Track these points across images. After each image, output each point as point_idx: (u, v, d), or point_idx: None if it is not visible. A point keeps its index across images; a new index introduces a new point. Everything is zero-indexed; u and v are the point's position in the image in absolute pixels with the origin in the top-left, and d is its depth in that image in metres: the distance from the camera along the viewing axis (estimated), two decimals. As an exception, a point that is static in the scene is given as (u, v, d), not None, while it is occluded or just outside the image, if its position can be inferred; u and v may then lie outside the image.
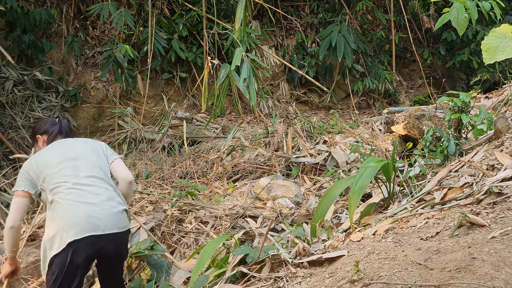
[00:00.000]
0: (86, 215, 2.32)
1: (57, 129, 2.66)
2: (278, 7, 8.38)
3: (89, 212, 2.33)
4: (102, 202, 2.39)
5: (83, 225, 2.29)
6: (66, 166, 2.44)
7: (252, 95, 3.65)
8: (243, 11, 3.55)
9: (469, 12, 3.46)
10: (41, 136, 2.66)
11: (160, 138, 6.73)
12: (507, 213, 2.45)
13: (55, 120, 2.73)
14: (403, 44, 9.18)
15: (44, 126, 2.67)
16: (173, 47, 7.30)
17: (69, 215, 2.31)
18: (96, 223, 2.32)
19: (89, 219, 2.32)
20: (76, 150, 2.55)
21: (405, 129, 6.10)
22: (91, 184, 2.43)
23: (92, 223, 2.31)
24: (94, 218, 2.33)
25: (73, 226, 2.28)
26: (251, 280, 2.51)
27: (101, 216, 2.35)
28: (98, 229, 2.32)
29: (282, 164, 5.78)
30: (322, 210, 3.33)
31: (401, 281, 1.89)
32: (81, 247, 2.28)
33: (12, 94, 6.52)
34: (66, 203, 2.34)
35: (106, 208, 2.39)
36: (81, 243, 2.28)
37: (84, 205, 2.34)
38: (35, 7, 7.05)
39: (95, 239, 2.32)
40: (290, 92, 8.58)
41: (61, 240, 2.27)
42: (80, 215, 2.31)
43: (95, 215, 2.34)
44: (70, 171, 2.43)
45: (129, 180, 2.59)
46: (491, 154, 3.42)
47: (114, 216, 2.40)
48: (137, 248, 3.16)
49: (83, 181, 2.42)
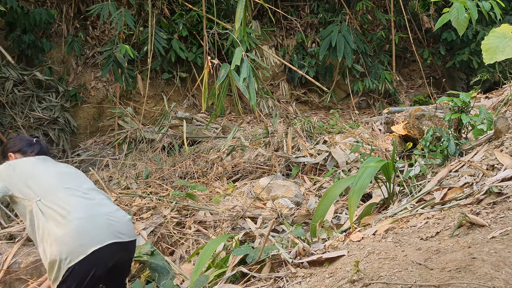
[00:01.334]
0: (107, 224, 2.24)
1: (36, 151, 2.50)
2: (278, 7, 8.38)
3: (108, 220, 2.26)
4: (115, 211, 2.34)
5: (105, 233, 2.20)
6: (63, 178, 2.35)
7: (252, 95, 3.65)
8: (243, 11, 3.55)
9: (469, 12, 3.46)
10: (13, 154, 2.48)
11: (160, 138, 6.73)
12: (507, 213, 2.45)
13: (32, 140, 2.55)
14: (403, 44, 9.18)
15: (19, 144, 2.50)
16: (173, 47, 7.30)
17: (89, 223, 2.19)
18: (117, 230, 2.26)
19: (110, 226, 2.24)
20: (64, 167, 2.47)
21: (405, 129, 6.10)
22: (96, 196, 2.37)
23: (114, 230, 2.24)
24: (115, 226, 2.26)
25: (95, 234, 2.17)
26: (251, 280, 2.51)
27: (119, 223, 2.29)
28: (119, 237, 2.25)
29: (282, 164, 5.78)
30: (322, 210, 3.33)
31: (401, 281, 1.89)
32: (104, 256, 2.17)
33: (12, 94, 6.53)
34: (82, 213, 2.21)
35: (120, 217, 2.34)
36: (104, 252, 2.17)
37: (101, 214, 2.26)
38: (35, 7, 7.06)
39: (116, 247, 2.23)
40: (290, 92, 8.58)
41: (80, 250, 2.12)
42: (101, 223, 2.22)
43: (114, 223, 2.27)
44: (71, 182, 2.35)
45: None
46: (491, 154, 3.42)
47: (129, 223, 2.37)
48: (137, 252, 3.17)
49: (89, 192, 2.34)
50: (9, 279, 3.24)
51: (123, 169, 6.03)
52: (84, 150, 6.91)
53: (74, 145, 7.04)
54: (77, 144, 7.08)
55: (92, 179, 5.51)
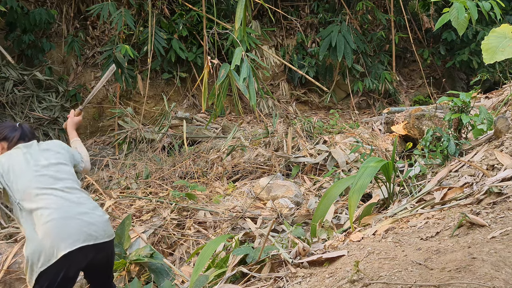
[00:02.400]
0: (79, 225, 2.21)
1: (18, 134, 2.46)
2: (278, 7, 8.38)
3: (81, 222, 2.23)
4: (90, 211, 2.30)
5: (77, 235, 2.18)
6: (42, 173, 2.30)
7: (252, 95, 3.65)
8: (243, 11, 3.54)
9: (469, 12, 3.46)
10: (2, 142, 2.46)
11: (160, 138, 6.73)
12: (507, 213, 2.45)
13: (15, 125, 2.52)
14: (403, 44, 9.18)
15: (4, 131, 2.47)
16: (173, 47, 7.30)
17: (61, 225, 2.17)
18: (89, 232, 2.23)
19: (82, 229, 2.21)
20: (46, 157, 2.39)
21: (405, 129, 6.10)
22: (73, 193, 2.32)
23: (85, 233, 2.21)
24: (87, 228, 2.23)
25: (66, 237, 2.16)
26: (251, 280, 2.51)
27: (93, 226, 2.26)
28: (91, 238, 2.23)
29: (282, 164, 5.78)
30: (322, 210, 3.32)
31: (401, 281, 1.89)
32: (75, 259, 2.18)
33: (12, 94, 6.53)
34: (56, 214, 2.19)
35: (96, 217, 2.30)
36: (76, 255, 2.17)
37: (75, 215, 2.23)
38: (35, 7, 7.06)
39: (88, 249, 2.22)
40: (290, 92, 8.58)
41: (51, 253, 2.13)
42: (73, 225, 2.20)
43: (88, 224, 2.24)
44: (48, 179, 2.30)
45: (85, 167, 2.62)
46: (491, 154, 3.42)
47: (104, 224, 2.32)
48: (136, 255, 3.17)
49: (65, 191, 2.30)
50: (9, 279, 3.24)
51: (123, 169, 6.03)
52: (84, 150, 6.90)
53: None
54: (77, 144, 7.08)
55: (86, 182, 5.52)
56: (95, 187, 5.12)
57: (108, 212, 4.43)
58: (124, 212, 4.47)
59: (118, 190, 5.19)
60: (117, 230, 3.30)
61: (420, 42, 9.21)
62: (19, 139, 2.45)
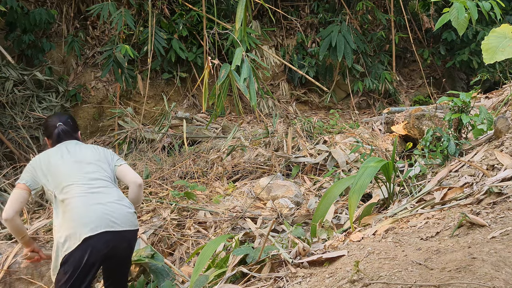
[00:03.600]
0: (101, 212, 2.36)
1: (57, 133, 2.67)
2: (278, 7, 8.38)
3: (103, 209, 2.38)
4: (115, 201, 2.44)
5: (98, 221, 2.32)
6: (75, 168, 2.50)
7: (252, 95, 3.65)
8: (243, 11, 3.54)
9: (469, 12, 3.46)
10: (48, 139, 2.73)
11: (160, 138, 6.73)
12: (507, 213, 2.45)
13: (56, 124, 2.70)
14: (403, 44, 9.18)
15: (48, 130, 2.71)
16: (173, 47, 7.30)
17: (84, 212, 2.34)
18: (111, 219, 2.36)
19: (104, 216, 2.35)
20: (83, 154, 2.60)
21: (405, 129, 6.10)
22: (101, 185, 2.48)
23: (107, 219, 2.35)
24: (109, 215, 2.37)
25: (88, 222, 2.31)
26: (251, 280, 2.51)
27: (115, 214, 2.39)
28: (114, 225, 2.36)
29: (282, 164, 5.78)
30: (322, 210, 3.33)
31: (401, 281, 1.89)
32: (97, 244, 2.30)
33: (12, 94, 6.52)
34: (80, 202, 2.37)
35: (119, 207, 2.43)
36: (97, 240, 2.30)
37: (97, 203, 2.39)
38: (35, 7, 7.05)
39: (110, 236, 2.34)
40: (290, 92, 8.58)
41: (75, 237, 2.28)
42: (95, 212, 2.35)
43: (109, 212, 2.38)
44: (80, 172, 2.49)
45: (139, 183, 2.62)
46: (491, 154, 3.42)
47: (127, 214, 2.45)
48: (137, 255, 3.17)
49: (93, 183, 2.47)
50: (9, 279, 3.24)
51: (123, 169, 6.02)
52: (84, 150, 6.90)
53: (74, 145, 7.04)
54: (77, 144, 7.08)
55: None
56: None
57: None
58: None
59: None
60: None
61: (420, 42, 9.21)
62: (57, 137, 2.67)
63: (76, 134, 2.76)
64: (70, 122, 2.76)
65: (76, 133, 2.77)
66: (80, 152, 2.61)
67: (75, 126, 2.79)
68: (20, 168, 5.50)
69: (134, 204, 2.63)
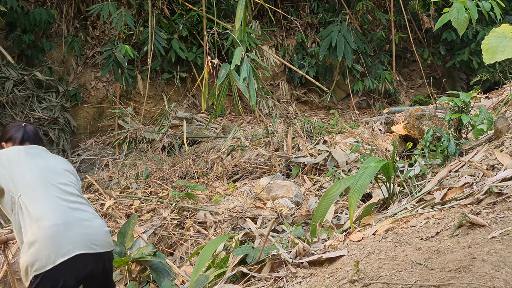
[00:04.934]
0: (80, 232, 2.11)
1: (21, 135, 2.37)
2: (278, 7, 8.38)
3: (83, 229, 2.13)
4: (92, 220, 2.20)
5: (78, 241, 2.08)
6: (47, 176, 2.21)
7: (252, 95, 3.65)
8: (243, 11, 3.54)
9: (469, 12, 3.46)
10: (5, 144, 2.40)
11: (160, 138, 6.73)
12: (507, 213, 2.45)
13: (20, 124, 2.44)
14: (403, 44, 9.18)
15: (10, 132, 2.40)
16: (173, 47, 7.30)
17: (61, 232, 2.07)
18: (91, 240, 2.13)
19: (84, 236, 2.11)
20: (53, 162, 2.33)
21: (405, 129, 6.09)
22: (77, 201, 2.22)
23: (87, 240, 2.11)
24: (89, 236, 2.13)
25: (65, 244, 2.05)
26: (251, 280, 2.51)
27: (94, 235, 2.16)
28: (93, 247, 2.13)
29: (282, 164, 5.78)
30: (322, 210, 3.32)
31: (401, 281, 1.89)
32: (74, 267, 2.06)
33: (12, 94, 6.52)
34: (54, 218, 2.08)
35: (97, 226, 2.20)
36: (75, 262, 2.06)
37: (76, 222, 2.13)
38: (35, 7, 7.06)
39: (88, 258, 2.11)
40: (290, 92, 8.58)
41: (49, 259, 2.01)
42: (75, 232, 2.10)
43: (89, 232, 2.14)
44: (53, 181, 2.21)
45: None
46: (491, 154, 3.42)
47: (105, 234, 2.23)
48: (139, 253, 3.17)
49: (70, 198, 2.20)
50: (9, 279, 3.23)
51: (123, 169, 6.03)
52: (84, 150, 6.91)
53: (74, 145, 7.04)
54: (77, 144, 7.08)
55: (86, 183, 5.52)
56: (95, 187, 5.12)
57: (108, 212, 4.43)
58: (123, 212, 4.47)
59: (118, 190, 5.19)
60: (121, 229, 3.31)
61: (420, 42, 9.21)
62: (21, 140, 2.37)
63: (42, 143, 2.45)
64: (35, 130, 2.47)
65: (42, 142, 2.47)
66: (48, 160, 2.31)
67: (38, 134, 2.47)
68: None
69: None
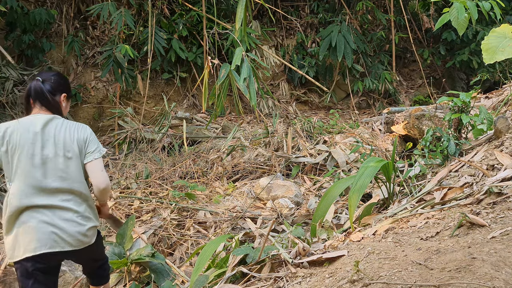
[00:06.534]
0: (48, 231, 2.15)
1: (26, 94, 2.25)
2: (278, 7, 8.38)
3: (52, 228, 2.15)
4: (68, 219, 2.20)
5: (44, 240, 2.13)
6: (36, 163, 2.15)
7: (252, 95, 3.65)
8: (243, 11, 3.54)
9: (469, 12, 3.46)
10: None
11: (160, 138, 6.73)
12: (507, 213, 2.45)
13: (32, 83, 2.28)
14: (403, 44, 9.18)
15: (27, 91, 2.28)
16: (173, 47, 7.30)
17: (32, 226, 2.13)
18: (56, 240, 2.16)
19: (51, 235, 2.15)
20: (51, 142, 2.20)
21: (405, 129, 6.09)
22: (58, 194, 2.19)
23: (52, 240, 2.15)
24: (56, 235, 2.16)
25: (33, 239, 2.12)
26: (251, 280, 2.51)
27: (64, 234, 2.17)
28: (58, 246, 2.17)
29: (282, 164, 5.78)
30: (322, 210, 3.33)
31: (401, 281, 1.89)
32: (39, 261, 2.15)
33: (12, 94, 6.52)
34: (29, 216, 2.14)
35: (70, 227, 2.20)
36: (40, 258, 2.14)
37: (48, 218, 2.15)
38: (35, 7, 7.05)
39: (55, 256, 2.20)
40: (290, 92, 8.58)
41: (18, 249, 2.14)
42: (43, 229, 2.14)
43: (58, 232, 2.16)
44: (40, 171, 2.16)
45: (101, 188, 2.28)
46: (491, 154, 3.42)
47: (78, 234, 2.22)
48: (137, 254, 3.17)
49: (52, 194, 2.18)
50: (9, 279, 3.24)
51: (123, 169, 6.03)
52: (84, 150, 6.89)
53: (74, 145, 7.03)
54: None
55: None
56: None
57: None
58: (123, 212, 4.47)
59: (118, 190, 5.19)
60: (119, 230, 3.30)
61: (420, 42, 9.21)
62: (27, 100, 2.26)
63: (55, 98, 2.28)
64: (52, 78, 2.29)
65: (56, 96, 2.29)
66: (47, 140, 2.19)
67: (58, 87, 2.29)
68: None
69: (102, 201, 2.47)
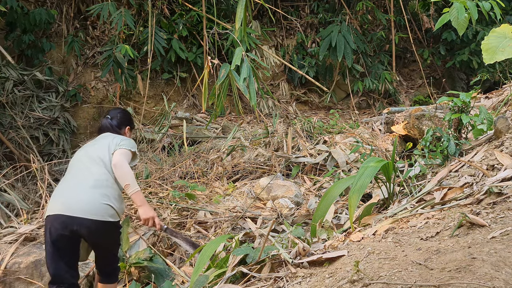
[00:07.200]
0: (62, 196, 2.64)
1: (99, 128, 3.12)
2: (278, 7, 8.38)
3: (66, 193, 2.65)
4: (84, 189, 2.63)
5: (57, 203, 2.61)
6: (82, 154, 2.87)
7: (252, 95, 3.64)
8: (243, 11, 3.54)
9: (469, 12, 3.46)
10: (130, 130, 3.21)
11: (160, 138, 6.73)
12: (507, 213, 2.45)
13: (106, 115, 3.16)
14: (403, 44, 9.18)
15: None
16: (173, 47, 7.29)
17: (55, 191, 2.71)
18: (66, 204, 2.58)
19: (61, 199, 2.62)
20: (97, 144, 2.91)
21: (405, 129, 6.09)
22: (86, 170, 2.72)
23: (63, 203, 2.59)
24: (67, 199, 2.61)
25: (52, 201, 2.65)
26: (251, 280, 2.51)
27: (74, 199, 2.59)
28: (67, 210, 2.56)
29: (282, 164, 5.78)
30: (322, 210, 3.32)
31: (401, 281, 1.89)
32: (54, 224, 2.57)
33: (12, 94, 6.52)
34: (61, 181, 2.80)
35: (83, 194, 2.62)
36: (54, 220, 2.57)
37: (67, 186, 2.69)
38: (35, 7, 7.05)
39: (64, 219, 2.55)
40: (290, 92, 8.58)
41: (47, 210, 2.67)
42: (60, 194, 2.66)
43: (69, 196, 2.62)
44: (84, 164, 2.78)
45: (113, 163, 2.72)
46: (491, 154, 3.41)
47: (90, 203, 2.59)
48: (136, 258, 3.17)
49: (81, 167, 2.75)
50: (9, 279, 3.24)
51: (123, 169, 6.01)
52: (84, 150, 6.89)
53: (74, 145, 7.03)
54: (77, 144, 7.07)
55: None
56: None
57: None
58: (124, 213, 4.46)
59: (118, 190, 5.18)
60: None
61: (420, 42, 9.20)
62: (99, 131, 3.11)
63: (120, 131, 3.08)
64: (118, 115, 3.12)
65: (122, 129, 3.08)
66: (96, 143, 2.93)
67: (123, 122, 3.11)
68: (20, 168, 5.49)
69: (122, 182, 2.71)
